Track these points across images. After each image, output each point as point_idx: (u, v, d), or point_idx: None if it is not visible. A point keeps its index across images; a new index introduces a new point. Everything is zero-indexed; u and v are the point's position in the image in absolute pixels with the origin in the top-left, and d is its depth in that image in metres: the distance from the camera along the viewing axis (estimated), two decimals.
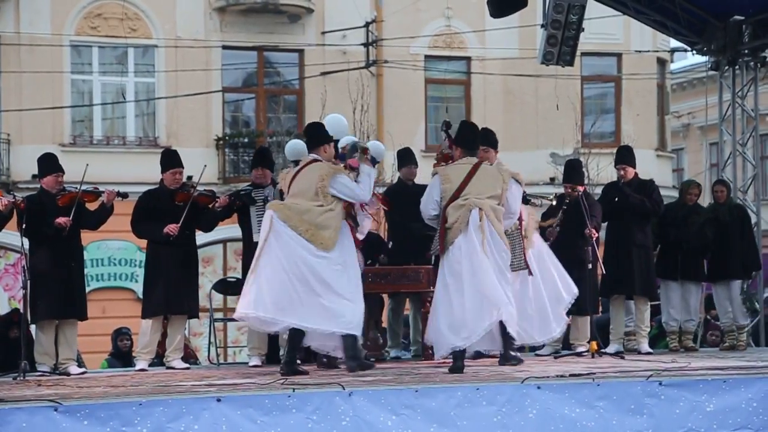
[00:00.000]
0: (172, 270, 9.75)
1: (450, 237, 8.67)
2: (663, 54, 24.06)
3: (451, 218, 8.68)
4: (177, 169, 9.97)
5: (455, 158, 9.09)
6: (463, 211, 8.65)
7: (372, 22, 22.09)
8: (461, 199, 8.70)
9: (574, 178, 10.77)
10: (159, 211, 9.81)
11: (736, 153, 13.32)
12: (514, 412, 7.06)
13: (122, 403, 6.56)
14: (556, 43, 12.37)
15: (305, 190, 8.58)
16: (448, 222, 8.69)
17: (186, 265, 9.88)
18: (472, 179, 8.76)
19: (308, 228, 8.40)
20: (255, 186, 10.21)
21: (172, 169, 9.96)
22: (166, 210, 9.77)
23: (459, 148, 9.05)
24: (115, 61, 21.30)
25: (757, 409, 7.33)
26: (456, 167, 8.93)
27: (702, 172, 26.44)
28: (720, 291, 11.61)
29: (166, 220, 9.70)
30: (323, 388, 7.08)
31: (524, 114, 22.39)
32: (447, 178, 8.83)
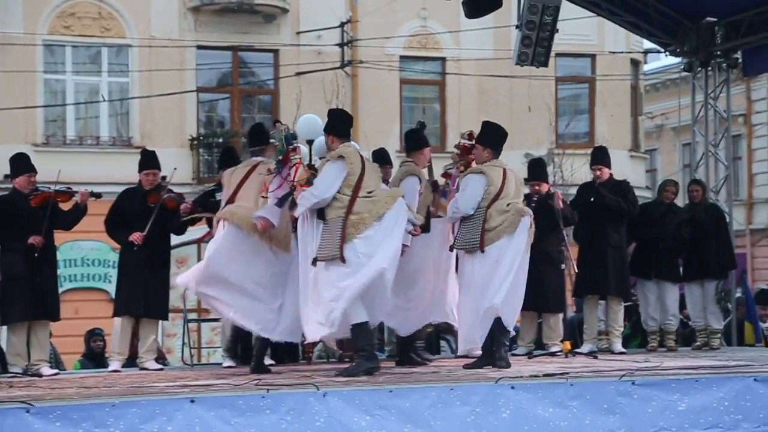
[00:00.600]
0: (144, 271, 9.71)
1: (490, 237, 8.82)
2: (636, 55, 24.18)
3: (494, 221, 8.85)
4: (151, 170, 9.95)
5: (481, 159, 9.18)
6: (509, 216, 8.83)
7: (347, 22, 22.07)
8: (502, 202, 8.90)
9: (538, 175, 10.84)
10: (131, 212, 9.78)
11: (709, 154, 13.39)
12: (488, 412, 7.08)
13: (95, 405, 6.54)
14: (531, 44, 12.39)
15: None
16: (491, 224, 8.84)
17: (157, 267, 9.84)
18: (507, 183, 8.98)
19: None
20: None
21: (146, 170, 9.94)
22: (138, 211, 9.73)
23: (488, 149, 9.16)
24: (88, 61, 21.17)
25: (728, 408, 7.39)
26: (493, 169, 9.05)
27: (675, 173, 26.60)
28: (694, 291, 11.66)
29: (138, 221, 9.67)
30: (297, 389, 7.08)
31: (499, 114, 22.32)
32: (491, 180, 8.97)
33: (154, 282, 9.81)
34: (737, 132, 28.08)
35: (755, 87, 29.43)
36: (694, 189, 11.81)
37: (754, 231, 29.51)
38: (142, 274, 9.72)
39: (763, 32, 12.62)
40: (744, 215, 28.96)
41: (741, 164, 29.91)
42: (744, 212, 29.07)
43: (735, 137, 26.48)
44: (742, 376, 7.62)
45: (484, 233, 8.81)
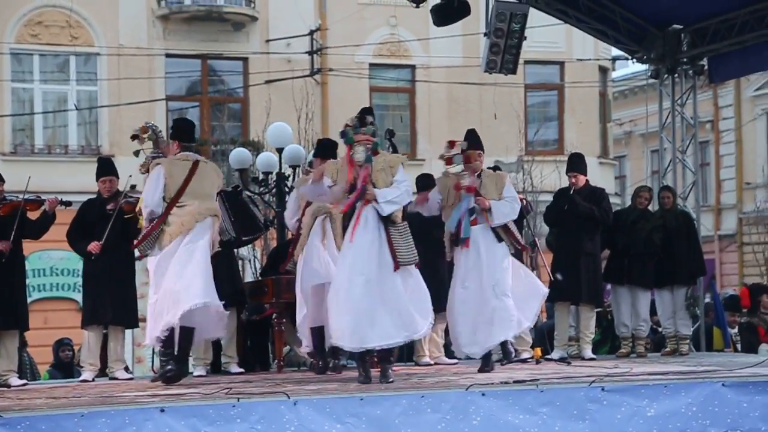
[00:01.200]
0: (108, 280, 9.65)
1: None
2: (604, 62, 24.35)
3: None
4: (107, 177, 9.91)
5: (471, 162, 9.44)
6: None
7: (316, 30, 22.10)
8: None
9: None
10: (91, 221, 9.71)
11: (677, 160, 13.48)
12: (459, 419, 7.09)
13: (64, 415, 6.49)
14: (499, 52, 12.43)
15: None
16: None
17: (121, 275, 9.78)
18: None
19: None
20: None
21: (102, 178, 9.90)
22: (98, 219, 9.66)
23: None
24: (56, 69, 21.09)
25: (696, 414, 7.43)
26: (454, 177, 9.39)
27: (644, 179, 26.75)
28: (664, 297, 11.72)
29: (98, 230, 9.61)
30: (268, 398, 7.06)
31: (468, 122, 22.27)
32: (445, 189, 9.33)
33: (119, 290, 9.75)
34: (705, 138, 28.31)
35: (722, 93, 29.68)
36: (665, 195, 11.88)
37: (722, 237, 29.76)
38: (107, 283, 9.65)
39: (728, 39, 12.73)
40: (712, 221, 29.20)
41: (709, 170, 30.16)
42: (712, 218, 29.32)
43: (702, 143, 26.70)
44: (710, 382, 7.67)
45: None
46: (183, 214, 8.41)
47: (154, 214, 8.45)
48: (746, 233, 28.91)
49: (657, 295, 11.82)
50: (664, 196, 11.85)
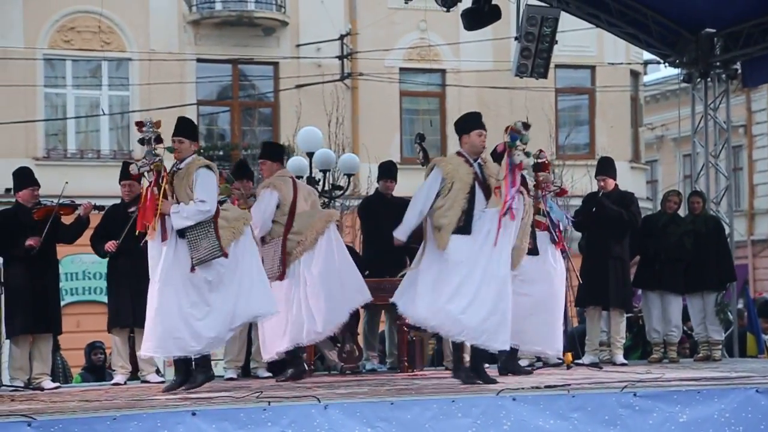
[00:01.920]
0: (130, 282, 9.67)
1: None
2: (636, 66, 24.22)
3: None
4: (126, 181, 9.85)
5: None
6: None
7: (347, 34, 22.13)
8: None
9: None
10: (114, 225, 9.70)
11: (709, 165, 13.40)
12: (489, 424, 7.07)
13: (96, 418, 6.52)
14: (530, 56, 12.41)
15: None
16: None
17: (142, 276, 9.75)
18: None
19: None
20: None
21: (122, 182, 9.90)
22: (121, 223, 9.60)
23: None
24: (88, 75, 21.23)
25: (729, 420, 7.37)
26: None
27: (676, 184, 26.60)
28: (695, 302, 11.66)
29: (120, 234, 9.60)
30: (299, 401, 7.06)
31: (499, 126, 21.95)
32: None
33: (143, 292, 9.77)
34: (738, 143, 28.11)
35: (755, 98, 29.46)
36: (694, 201, 11.82)
37: (755, 242, 29.52)
38: (129, 286, 9.66)
39: (761, 43, 12.64)
40: (745, 226, 28.97)
41: (742, 175, 29.93)
42: (745, 223, 29.08)
43: (735, 148, 26.50)
44: (743, 388, 7.60)
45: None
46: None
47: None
48: None
49: (688, 300, 11.76)
50: (694, 201, 11.78)
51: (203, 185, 8.17)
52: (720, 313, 11.57)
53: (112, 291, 9.93)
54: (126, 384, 9.74)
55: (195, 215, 8.08)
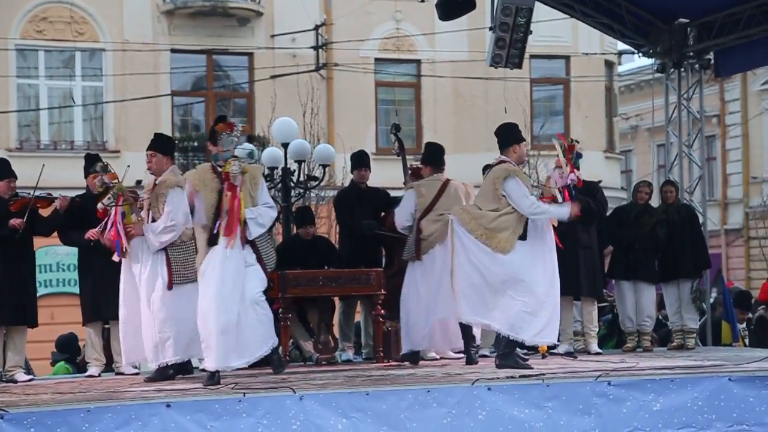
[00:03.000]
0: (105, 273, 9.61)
1: (425, 247, 9.58)
2: (610, 56, 24.30)
3: (426, 231, 9.58)
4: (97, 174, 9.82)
5: (425, 175, 9.99)
6: (440, 225, 9.38)
7: (322, 25, 22.08)
8: (434, 214, 9.60)
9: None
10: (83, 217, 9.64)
11: (683, 155, 13.45)
12: (464, 414, 7.10)
13: (70, 410, 6.51)
14: (505, 46, 12.41)
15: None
16: (424, 233, 9.60)
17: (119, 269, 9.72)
18: (443, 195, 9.71)
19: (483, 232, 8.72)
20: None
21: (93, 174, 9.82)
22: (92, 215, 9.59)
23: (428, 167, 9.97)
24: (61, 65, 21.10)
25: (702, 408, 7.43)
26: (428, 183, 9.86)
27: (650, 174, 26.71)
28: (670, 291, 11.71)
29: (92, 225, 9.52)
30: (274, 392, 7.07)
31: (474, 116, 22.48)
32: (421, 193, 9.74)
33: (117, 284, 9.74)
34: (711, 132, 28.26)
35: (728, 88, 29.62)
36: (668, 190, 11.87)
37: (728, 231, 29.71)
38: (104, 278, 9.61)
39: (734, 33, 12.68)
40: (718, 216, 29.14)
41: (715, 165, 30.09)
42: (718, 212, 29.26)
43: (709, 138, 26.63)
44: (716, 376, 7.66)
45: (420, 242, 9.64)
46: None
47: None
48: (753, 227, 28.84)
49: (664, 289, 11.81)
50: (667, 191, 11.83)
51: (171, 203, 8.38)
52: (696, 300, 11.63)
53: (86, 284, 9.86)
54: (100, 376, 9.69)
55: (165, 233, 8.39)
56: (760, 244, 27.07)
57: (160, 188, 8.56)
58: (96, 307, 9.72)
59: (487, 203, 8.78)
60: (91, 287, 9.77)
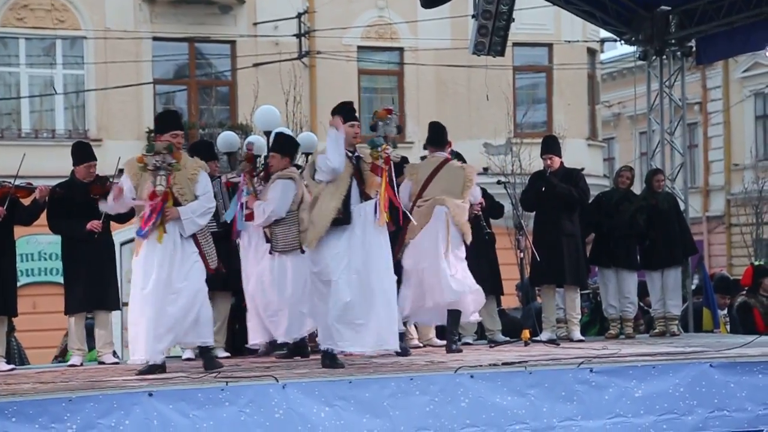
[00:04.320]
0: (91, 264, 9.61)
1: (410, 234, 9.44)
2: (593, 44, 24.30)
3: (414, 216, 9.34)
4: (92, 162, 9.86)
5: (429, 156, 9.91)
6: (424, 208, 9.42)
7: (304, 13, 22.01)
8: (423, 199, 9.52)
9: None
10: (74, 205, 9.64)
11: (665, 142, 13.50)
12: (447, 402, 7.11)
13: (51, 400, 6.48)
14: (487, 34, 12.43)
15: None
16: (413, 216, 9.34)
17: (105, 259, 9.75)
18: (436, 176, 9.56)
19: None
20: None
21: (86, 163, 9.84)
22: (82, 204, 9.61)
23: (430, 147, 9.91)
24: (42, 53, 20.97)
25: (683, 394, 7.47)
26: (424, 164, 9.80)
27: (632, 161, 26.77)
28: (655, 278, 11.73)
29: (83, 214, 9.56)
30: (257, 381, 7.06)
31: (457, 104, 22.47)
32: (413, 175, 9.66)
33: (103, 273, 9.72)
34: (693, 120, 28.33)
35: (710, 75, 29.69)
36: (659, 179, 11.86)
37: (710, 218, 29.82)
38: (90, 267, 9.60)
39: (716, 20, 12.73)
40: (700, 203, 29.26)
41: (697, 152, 30.18)
42: (700, 200, 29.37)
43: (691, 125, 26.70)
44: (697, 362, 7.70)
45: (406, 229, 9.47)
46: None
47: None
48: (734, 214, 28.98)
49: (648, 276, 11.84)
50: (659, 179, 11.84)
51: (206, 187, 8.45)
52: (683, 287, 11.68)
53: (71, 273, 9.83)
54: (82, 365, 9.67)
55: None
56: (741, 231, 27.22)
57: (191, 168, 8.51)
58: (82, 297, 9.68)
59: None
60: (77, 277, 9.72)
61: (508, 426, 7.16)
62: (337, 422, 6.89)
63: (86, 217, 9.58)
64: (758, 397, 7.56)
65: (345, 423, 6.91)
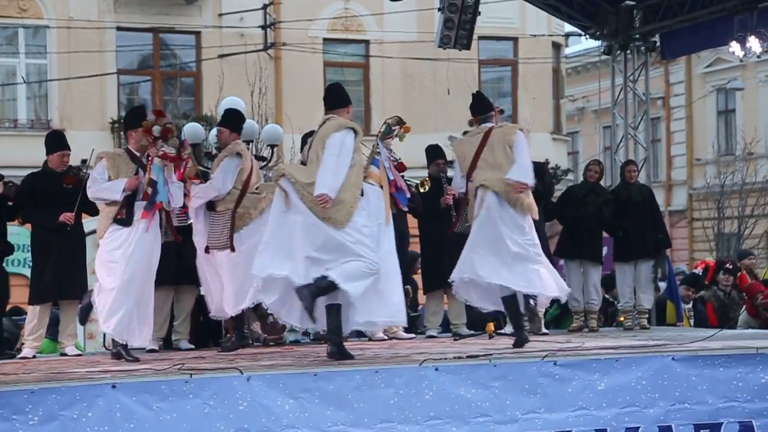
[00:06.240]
0: (61, 254, 9.54)
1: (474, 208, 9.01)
2: (558, 38, 24.40)
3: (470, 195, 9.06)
4: (64, 151, 9.77)
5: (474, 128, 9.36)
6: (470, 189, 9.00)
7: (270, 4, 21.94)
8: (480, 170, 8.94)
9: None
10: (46, 194, 9.58)
11: (628, 136, 13.58)
12: (411, 394, 7.13)
13: (13, 392, 6.44)
14: (453, 27, 12.45)
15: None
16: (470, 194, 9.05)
17: (74, 249, 9.68)
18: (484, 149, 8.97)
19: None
20: None
21: (60, 152, 9.75)
22: (54, 193, 9.54)
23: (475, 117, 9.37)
24: (4, 42, 20.76)
25: (646, 387, 7.52)
26: (469, 139, 9.28)
27: (596, 155, 26.92)
28: (626, 271, 11.76)
29: (55, 204, 9.50)
30: (221, 373, 7.04)
31: (422, 97, 22.48)
32: (461, 155, 9.18)
33: (73, 264, 9.65)
34: (656, 115, 28.53)
35: (673, 70, 29.90)
36: (631, 169, 11.89)
37: (672, 212, 30.04)
38: (60, 257, 9.54)
39: (679, 16, 12.81)
40: (663, 197, 29.46)
41: (660, 146, 30.41)
42: (663, 194, 29.58)
43: (654, 120, 26.90)
44: (660, 356, 7.76)
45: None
46: None
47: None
48: (696, 209, 29.22)
49: (618, 268, 11.86)
50: (631, 170, 11.88)
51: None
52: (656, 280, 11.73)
53: (39, 263, 9.72)
54: (36, 357, 9.54)
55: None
56: (703, 225, 27.44)
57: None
58: (49, 286, 9.58)
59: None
60: (45, 266, 9.62)
61: (472, 418, 7.19)
62: (302, 414, 6.89)
63: (58, 206, 9.49)
64: (719, 390, 7.63)
65: (309, 415, 6.91)
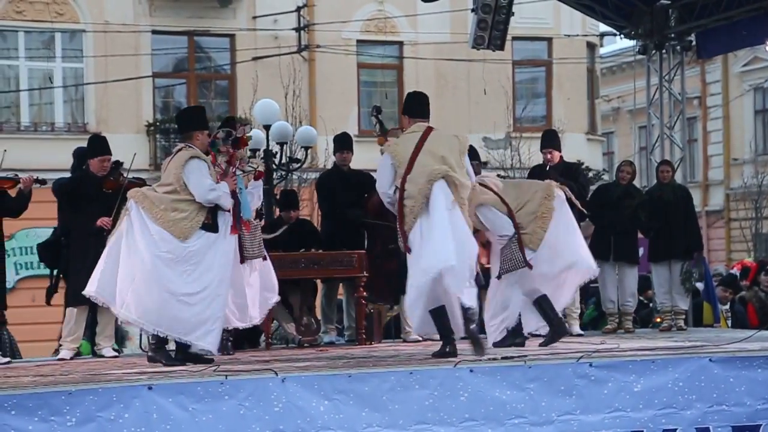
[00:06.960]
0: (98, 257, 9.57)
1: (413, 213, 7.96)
2: (592, 38, 24.30)
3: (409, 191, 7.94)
4: (106, 156, 9.83)
5: (404, 129, 8.43)
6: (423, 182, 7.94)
7: (304, 6, 22.00)
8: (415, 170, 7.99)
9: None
10: (86, 198, 9.65)
11: (664, 136, 13.50)
12: (446, 396, 7.11)
13: (51, 393, 6.49)
14: (487, 28, 12.42)
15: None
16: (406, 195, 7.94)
17: None
18: (424, 145, 8.05)
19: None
20: None
21: (101, 156, 9.81)
22: (94, 197, 9.61)
23: (405, 117, 8.43)
24: (41, 46, 20.95)
25: (682, 389, 7.46)
26: (404, 138, 8.29)
27: (632, 155, 26.78)
28: (661, 272, 11.69)
29: (94, 207, 9.56)
30: (256, 375, 7.06)
31: (456, 98, 22.47)
32: (396, 152, 8.13)
33: None
34: (692, 114, 28.35)
35: (710, 69, 29.69)
36: (664, 170, 11.85)
37: (709, 213, 29.84)
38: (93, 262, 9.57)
39: (716, 15, 12.72)
40: (699, 197, 29.26)
41: (696, 146, 30.19)
42: (699, 194, 29.38)
43: (690, 120, 26.70)
44: (697, 357, 7.69)
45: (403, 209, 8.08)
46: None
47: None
48: (733, 209, 29.00)
49: (654, 269, 11.81)
50: (663, 170, 11.83)
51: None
52: (686, 282, 11.65)
53: (75, 266, 9.77)
54: (73, 359, 9.59)
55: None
56: (740, 225, 27.23)
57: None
58: None
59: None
60: (81, 269, 9.66)
61: (507, 420, 7.16)
62: (336, 416, 6.90)
63: (97, 210, 9.55)
64: (757, 392, 7.55)
65: (344, 417, 6.91)
